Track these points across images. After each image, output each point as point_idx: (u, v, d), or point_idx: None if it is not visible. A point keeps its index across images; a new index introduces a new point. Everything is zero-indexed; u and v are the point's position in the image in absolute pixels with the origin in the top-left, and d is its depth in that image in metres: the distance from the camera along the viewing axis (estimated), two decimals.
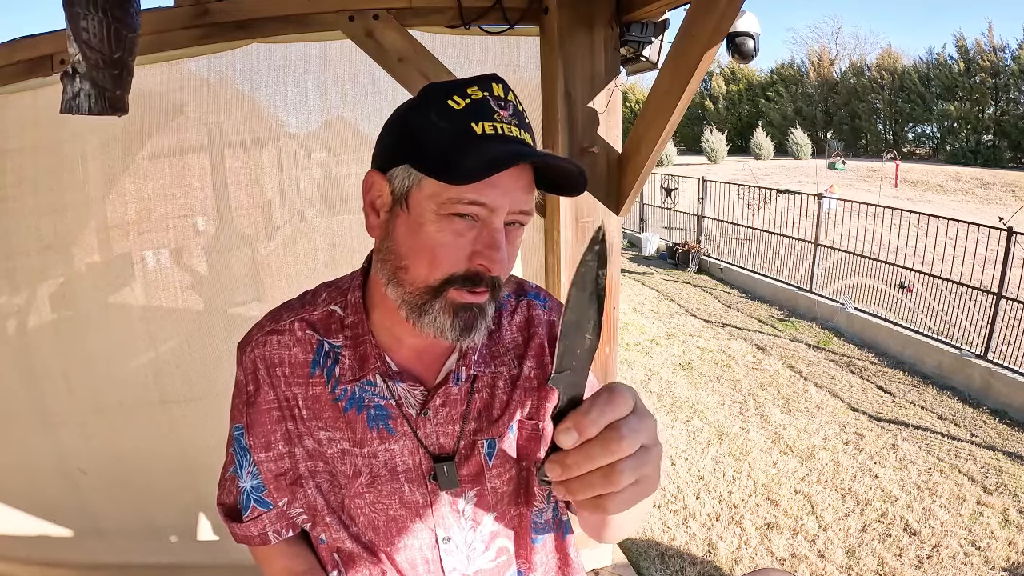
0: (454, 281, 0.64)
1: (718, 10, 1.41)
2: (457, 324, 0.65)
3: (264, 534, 0.79)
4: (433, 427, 0.75)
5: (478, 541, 0.79)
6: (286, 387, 0.75)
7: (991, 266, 5.01)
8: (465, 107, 0.62)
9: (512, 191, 0.63)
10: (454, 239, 0.63)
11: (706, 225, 9.26)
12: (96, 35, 1.11)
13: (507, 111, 0.64)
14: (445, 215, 0.63)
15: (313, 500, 0.76)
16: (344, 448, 0.74)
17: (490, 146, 0.60)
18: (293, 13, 1.69)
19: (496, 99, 0.63)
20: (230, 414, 0.80)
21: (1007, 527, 3.02)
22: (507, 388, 0.79)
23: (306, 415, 0.75)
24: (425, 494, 0.76)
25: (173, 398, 2.03)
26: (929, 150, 25.02)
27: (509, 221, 0.65)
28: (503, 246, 0.64)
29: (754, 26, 1.93)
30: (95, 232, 1.96)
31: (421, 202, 0.64)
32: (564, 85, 1.80)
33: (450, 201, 0.62)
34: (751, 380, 4.96)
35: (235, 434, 0.78)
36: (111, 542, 2.15)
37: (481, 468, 0.77)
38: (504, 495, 0.79)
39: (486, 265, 0.63)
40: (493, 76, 0.65)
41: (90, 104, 1.15)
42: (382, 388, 0.74)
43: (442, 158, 0.61)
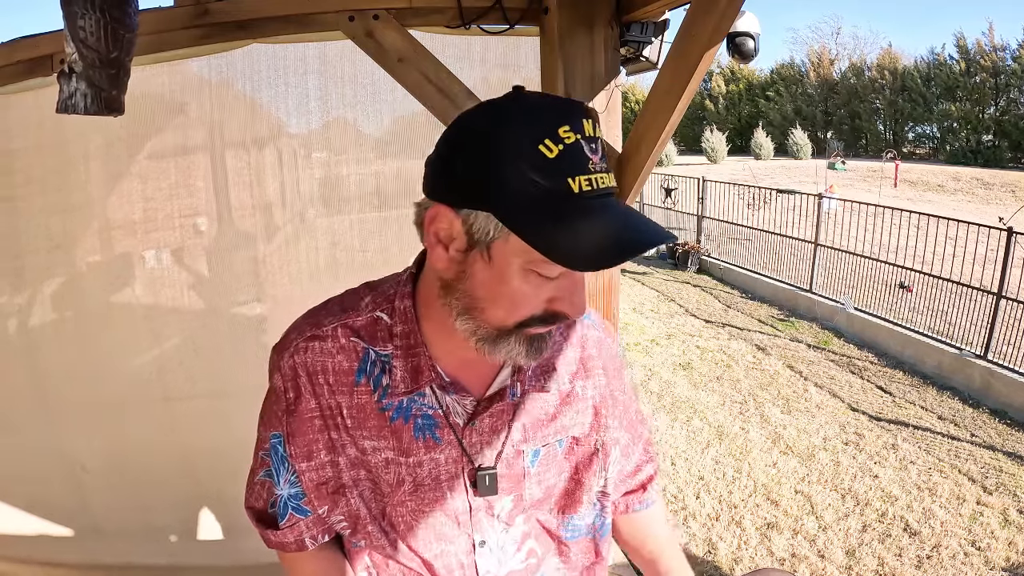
0: (532, 323, 0.64)
1: (718, 10, 1.41)
2: (532, 351, 0.66)
3: (301, 540, 0.78)
4: (479, 436, 0.75)
5: (510, 543, 0.80)
6: (329, 395, 0.73)
7: (991, 266, 5.01)
8: (559, 155, 0.56)
9: None
10: (536, 291, 0.62)
11: (706, 225, 9.27)
12: (93, 34, 1.11)
13: (597, 155, 0.59)
14: (530, 272, 0.61)
15: (356, 509, 0.76)
16: (388, 457, 0.73)
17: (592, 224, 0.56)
18: (293, 13, 1.69)
19: (588, 141, 0.57)
20: (262, 419, 0.78)
21: (1007, 527, 3.02)
22: (556, 402, 0.79)
23: (350, 424, 0.73)
24: (465, 500, 0.76)
25: (176, 395, 2.03)
26: (929, 150, 25.02)
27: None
28: (583, 289, 0.64)
29: (754, 26, 1.93)
30: (99, 231, 1.97)
31: (506, 256, 0.60)
32: (564, 85, 1.80)
33: (539, 262, 0.59)
34: (751, 380, 4.96)
35: (272, 442, 0.76)
36: (111, 542, 2.15)
37: (522, 476, 0.78)
38: (540, 501, 0.80)
39: (567, 311, 0.63)
40: (583, 109, 0.59)
41: (86, 104, 1.15)
42: (431, 398, 0.73)
43: (539, 227, 0.56)
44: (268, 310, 2.06)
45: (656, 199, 10.83)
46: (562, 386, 0.79)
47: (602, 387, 0.82)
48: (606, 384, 0.83)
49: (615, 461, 0.86)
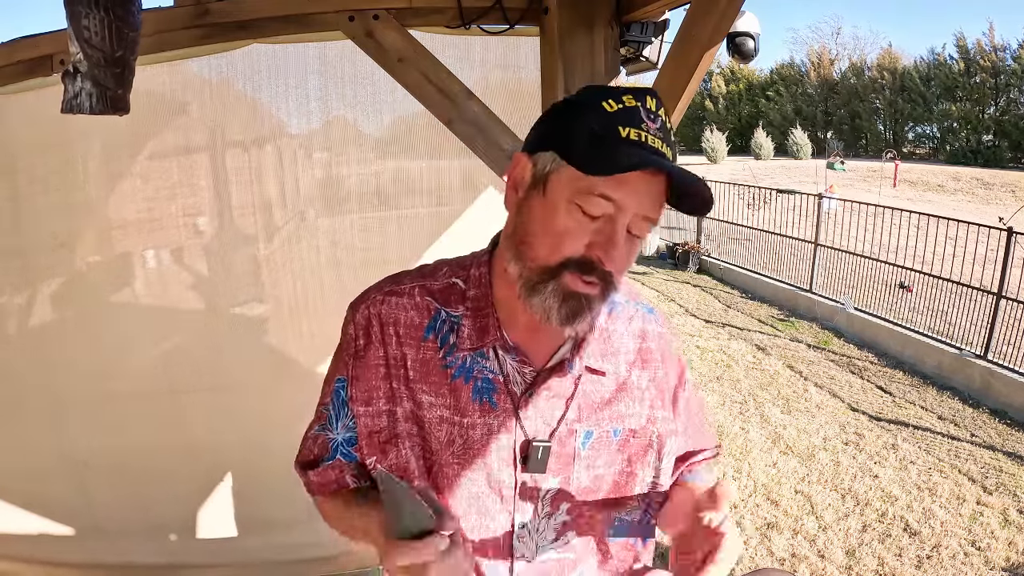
0: (569, 265, 0.67)
1: (718, 10, 1.41)
2: (564, 310, 0.68)
3: (342, 479, 0.81)
4: (535, 409, 0.76)
5: (549, 530, 0.79)
6: (397, 346, 0.76)
7: (991, 266, 5.01)
8: (617, 111, 0.66)
9: (642, 195, 0.66)
10: (578, 227, 0.67)
11: (706, 225, 9.27)
12: (98, 34, 1.11)
13: (655, 124, 0.67)
14: (575, 204, 0.66)
15: (406, 461, 0.77)
16: (443, 415, 0.75)
17: (631, 150, 0.65)
18: (293, 13, 1.69)
19: (647, 111, 0.67)
20: (331, 368, 0.81)
21: (1007, 527, 3.03)
22: (612, 388, 0.80)
23: (412, 376, 0.76)
24: (512, 475, 0.77)
25: (178, 392, 2.04)
26: (929, 150, 25.03)
27: (634, 228, 0.68)
28: (621, 243, 0.67)
29: (754, 26, 1.93)
30: (103, 230, 1.97)
31: (558, 187, 0.68)
32: (564, 85, 1.80)
33: (584, 190, 0.66)
34: (751, 380, 4.97)
35: (336, 386, 0.79)
36: (113, 540, 2.15)
37: (572, 457, 0.78)
38: (587, 491, 0.80)
39: (601, 256, 0.67)
40: (650, 90, 0.69)
41: (91, 103, 1.15)
42: (493, 362, 0.76)
43: (585, 150, 0.66)
44: (268, 310, 2.07)
45: None
46: (620, 372, 0.80)
47: (660, 379, 0.83)
48: (664, 376, 0.84)
49: (670, 453, 0.84)
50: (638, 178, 0.65)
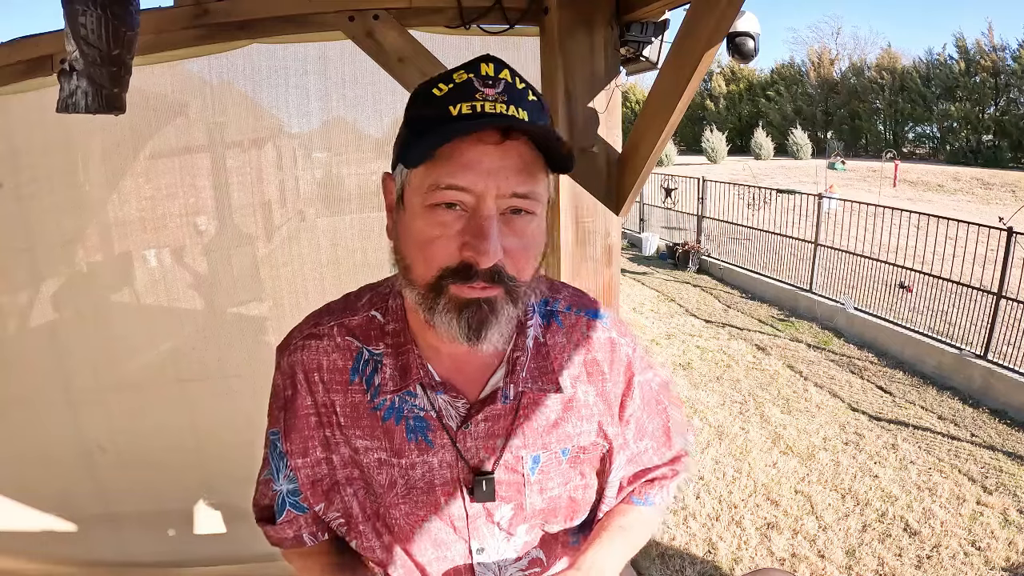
0: (446, 276, 0.60)
1: (718, 10, 1.41)
2: (463, 323, 0.61)
3: (299, 536, 0.79)
4: (474, 440, 0.72)
5: (510, 551, 0.77)
6: (324, 393, 0.72)
7: (991, 266, 5.01)
8: (447, 92, 0.59)
9: (496, 172, 0.58)
10: (442, 231, 0.60)
11: (706, 225, 9.27)
12: (95, 32, 1.11)
13: (495, 88, 0.59)
14: (430, 207, 0.60)
15: (349, 506, 0.75)
16: (382, 458, 0.72)
17: (458, 125, 0.57)
18: (293, 13, 1.69)
19: (483, 78, 0.60)
20: (268, 417, 0.79)
21: (1007, 527, 3.02)
22: (559, 408, 0.75)
23: (344, 423, 0.72)
24: (462, 507, 0.73)
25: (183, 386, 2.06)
26: (929, 150, 25.02)
27: (508, 208, 0.60)
28: (492, 234, 0.58)
29: (754, 26, 1.93)
30: (104, 229, 1.98)
31: (411, 197, 0.62)
32: (564, 85, 1.80)
33: (431, 188, 0.59)
34: (751, 380, 4.97)
35: (271, 439, 0.77)
36: (120, 531, 2.16)
37: (522, 483, 0.74)
38: (543, 512, 0.77)
39: (474, 256, 0.59)
40: (485, 56, 0.62)
41: (87, 102, 1.15)
42: (422, 399, 0.71)
43: (416, 142, 0.59)
44: (268, 310, 2.07)
45: (656, 199, 10.82)
46: (566, 389, 0.74)
47: (608, 392, 0.77)
48: (612, 387, 0.77)
49: (619, 467, 0.80)
50: (479, 153, 0.57)
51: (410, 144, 0.61)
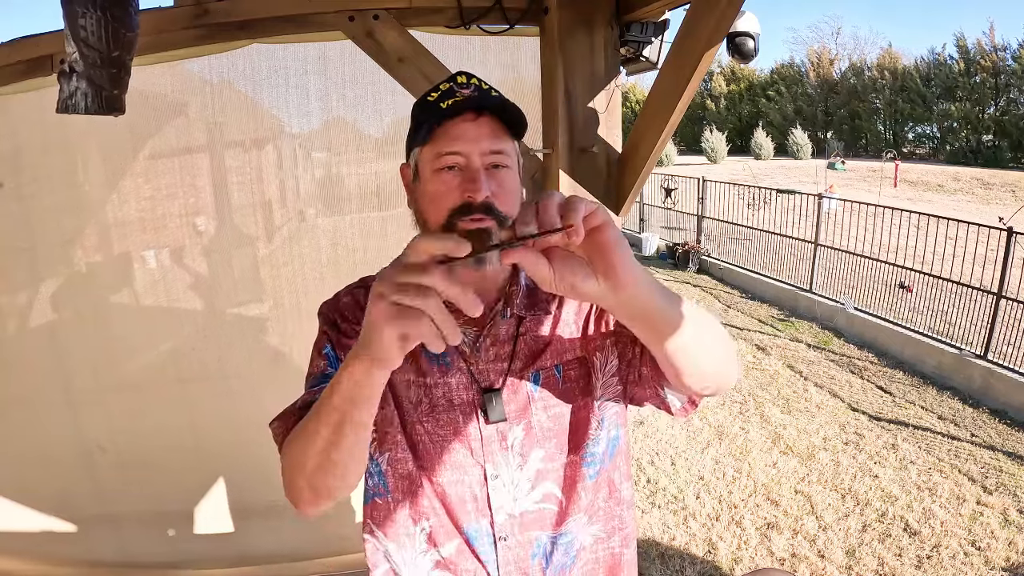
0: (455, 214, 0.79)
1: (718, 10, 1.41)
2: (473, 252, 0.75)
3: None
4: (485, 364, 0.86)
5: (524, 480, 0.85)
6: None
7: (991, 266, 5.01)
8: (437, 96, 0.83)
9: (477, 139, 0.80)
10: (447, 186, 0.80)
11: (706, 225, 9.27)
12: (94, 33, 1.11)
13: (468, 90, 0.82)
14: (437, 171, 0.81)
15: (390, 417, 0.85)
16: (410, 378, 0.86)
17: (445, 111, 0.80)
18: (293, 13, 1.69)
19: (459, 85, 0.83)
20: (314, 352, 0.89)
21: (1007, 527, 3.03)
22: (549, 329, 0.90)
23: None
24: (477, 427, 0.85)
25: (183, 387, 2.06)
26: (929, 150, 25.02)
27: (490, 164, 0.81)
28: (481, 177, 0.79)
29: (754, 26, 1.93)
30: (104, 230, 1.98)
31: (423, 168, 0.84)
32: (564, 85, 1.80)
33: (435, 157, 0.81)
34: (751, 380, 4.97)
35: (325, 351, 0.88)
36: (120, 532, 2.16)
37: (527, 401, 0.86)
38: (551, 434, 0.87)
39: (471, 192, 0.78)
40: (459, 72, 0.86)
41: (86, 103, 1.15)
42: None
43: (421, 131, 0.82)
44: (268, 310, 2.07)
45: (656, 199, 10.82)
46: (551, 312, 0.90)
47: (586, 308, 0.92)
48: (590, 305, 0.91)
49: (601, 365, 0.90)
50: (463, 128, 0.80)
51: (417, 132, 0.85)
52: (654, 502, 3.31)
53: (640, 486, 3.48)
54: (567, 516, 0.86)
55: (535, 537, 0.85)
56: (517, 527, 0.84)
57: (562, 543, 0.86)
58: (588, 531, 0.89)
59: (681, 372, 0.75)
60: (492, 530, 0.84)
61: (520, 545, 0.84)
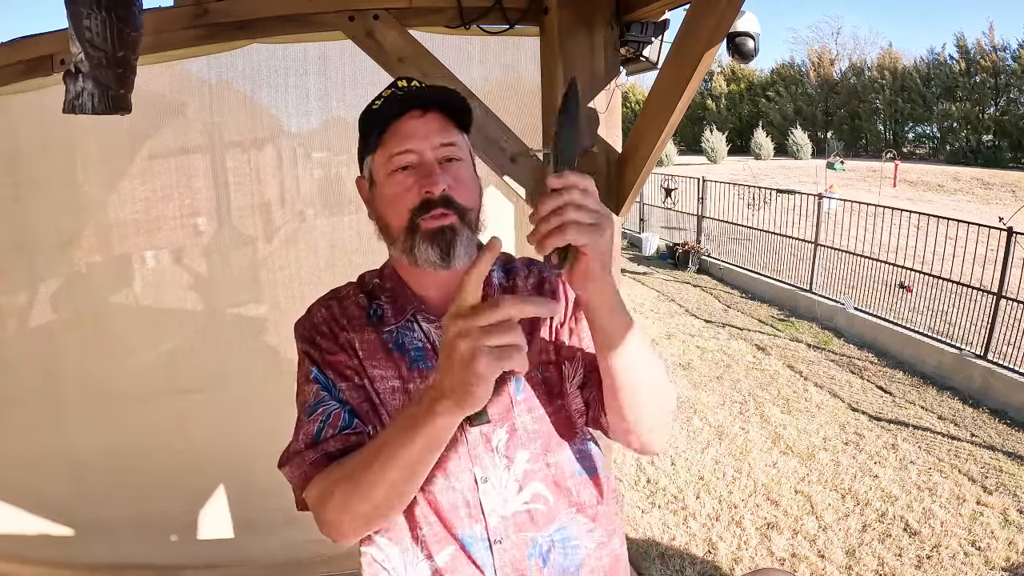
0: (416, 213, 0.81)
1: (718, 10, 1.41)
2: (436, 248, 0.80)
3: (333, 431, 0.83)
4: None
5: (512, 481, 0.85)
6: (345, 333, 0.88)
7: (991, 266, 5.01)
8: (382, 103, 0.85)
9: (426, 135, 0.82)
10: (403, 186, 0.82)
11: (706, 225, 9.27)
12: (99, 34, 1.11)
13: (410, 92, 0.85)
14: (391, 173, 0.83)
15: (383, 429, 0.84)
16: (395, 385, 0.86)
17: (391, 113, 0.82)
18: (293, 13, 1.69)
19: (400, 88, 0.85)
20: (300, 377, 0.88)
21: (1007, 527, 3.03)
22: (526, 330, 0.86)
23: (363, 355, 0.86)
24: (462, 432, 0.84)
25: (178, 392, 2.05)
26: (929, 150, 25.02)
27: (443, 158, 0.83)
28: (436, 170, 0.81)
29: (754, 26, 1.93)
30: (103, 231, 1.98)
31: (377, 175, 0.86)
32: (564, 85, 1.80)
33: (388, 160, 0.83)
34: (751, 380, 4.97)
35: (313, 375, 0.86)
36: (113, 540, 2.15)
37: (510, 403, 0.86)
38: (536, 435, 0.87)
39: (427, 187, 0.80)
40: (399, 77, 0.89)
41: (93, 103, 1.15)
42: (419, 332, 0.88)
43: (370, 137, 0.85)
44: (267, 310, 2.07)
45: (656, 199, 10.82)
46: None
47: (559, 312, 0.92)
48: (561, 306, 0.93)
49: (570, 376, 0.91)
50: (411, 125, 0.82)
51: (367, 141, 0.87)
52: (654, 502, 3.31)
53: (640, 486, 3.48)
54: (557, 513, 0.86)
55: (530, 538, 0.85)
56: (511, 529, 0.84)
57: (559, 541, 0.86)
58: (590, 536, 0.88)
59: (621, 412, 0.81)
60: (487, 534, 0.83)
61: (516, 547, 0.84)
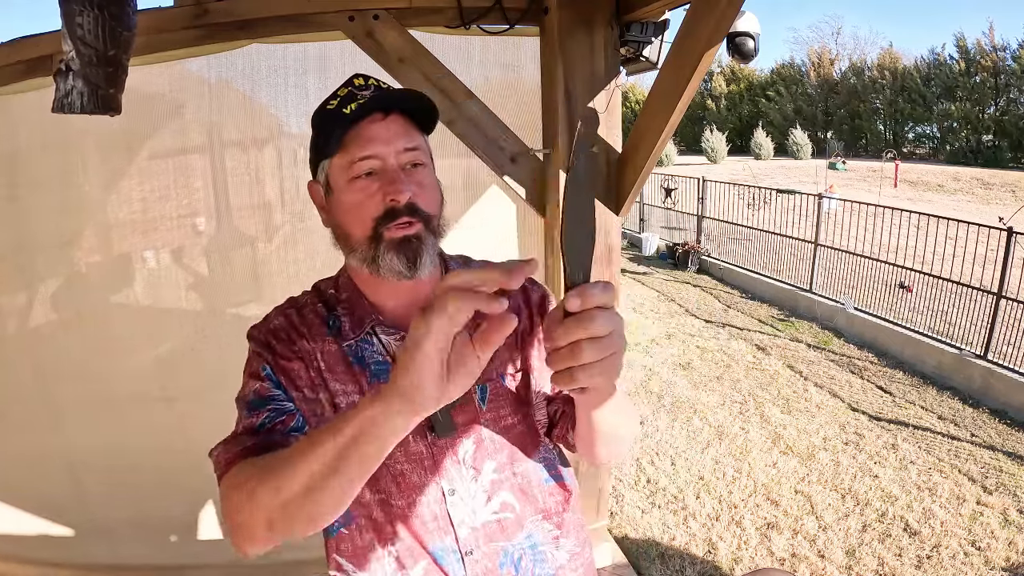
0: (380, 222, 0.77)
1: (718, 10, 1.41)
2: (402, 257, 0.77)
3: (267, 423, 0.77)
4: None
5: (480, 492, 0.84)
6: (305, 341, 0.83)
7: (991, 266, 5.00)
8: (337, 103, 0.80)
9: (390, 139, 0.78)
10: (365, 193, 0.78)
11: (706, 225, 9.26)
12: (91, 32, 1.11)
13: (368, 91, 0.80)
14: (351, 180, 0.78)
15: None
16: (355, 400, 0.81)
17: (352, 116, 0.78)
18: (293, 13, 1.69)
19: (357, 88, 0.81)
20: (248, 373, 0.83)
21: (1007, 527, 3.02)
22: None
23: (323, 367, 0.83)
24: (427, 444, 0.82)
25: (176, 394, 2.04)
26: (929, 150, 25.00)
27: (407, 163, 0.79)
28: (401, 178, 0.77)
29: (754, 26, 1.93)
30: (102, 231, 1.97)
31: (336, 180, 0.81)
32: (564, 85, 1.80)
33: (348, 166, 0.78)
34: (751, 380, 4.96)
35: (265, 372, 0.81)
36: (111, 541, 2.15)
37: (475, 413, 0.84)
38: (502, 445, 0.85)
39: (392, 195, 0.76)
40: (355, 75, 0.84)
41: (82, 102, 1.15)
42: (378, 346, 0.84)
43: (328, 142, 0.79)
44: (267, 310, 2.06)
45: (656, 199, 10.82)
46: None
47: (524, 319, 0.90)
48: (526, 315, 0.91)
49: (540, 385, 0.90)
50: (373, 129, 0.78)
51: (324, 143, 0.81)
52: (654, 502, 3.31)
53: (640, 486, 3.48)
54: (524, 520, 0.86)
55: (501, 547, 0.84)
56: (481, 539, 0.83)
57: (528, 549, 0.86)
58: (558, 544, 0.88)
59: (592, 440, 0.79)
60: (457, 546, 0.82)
61: (487, 557, 0.83)
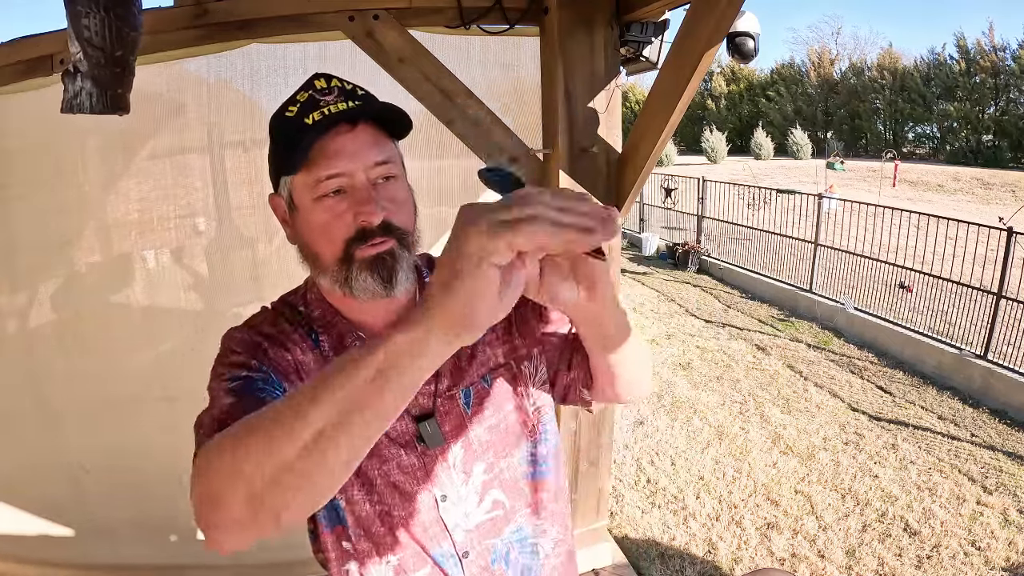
0: (351, 243, 0.72)
1: (718, 10, 1.41)
2: (376, 276, 0.73)
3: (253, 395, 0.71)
4: None
5: (471, 494, 0.84)
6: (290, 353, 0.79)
7: (991, 266, 5.01)
8: (297, 110, 0.73)
9: (358, 153, 0.72)
10: (334, 213, 0.72)
11: (706, 225, 9.26)
12: (98, 33, 1.11)
13: (331, 95, 0.73)
14: (319, 199, 0.73)
15: None
16: None
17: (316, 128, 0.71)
18: (293, 13, 1.69)
19: (320, 91, 0.74)
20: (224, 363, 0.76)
21: (1007, 527, 3.02)
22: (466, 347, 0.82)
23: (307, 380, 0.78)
24: (418, 456, 0.81)
25: (176, 394, 2.04)
26: (929, 150, 25.00)
27: (378, 177, 0.74)
28: (372, 196, 0.72)
29: (754, 26, 1.93)
30: (101, 231, 1.97)
31: (300, 197, 0.75)
32: (564, 85, 1.80)
33: (313, 184, 0.72)
34: (751, 380, 4.96)
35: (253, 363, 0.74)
36: (111, 541, 2.15)
37: (462, 419, 0.83)
38: (489, 445, 0.85)
39: (363, 216, 0.72)
40: (315, 75, 0.76)
41: (91, 103, 1.15)
42: None
43: (290, 156, 0.73)
44: None
45: (656, 199, 10.82)
46: None
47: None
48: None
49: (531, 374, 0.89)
50: (339, 143, 0.71)
51: (285, 157, 0.74)
52: (654, 502, 3.31)
53: (640, 486, 3.48)
54: (513, 515, 0.87)
55: (492, 544, 0.86)
56: (475, 540, 0.84)
57: (516, 542, 0.87)
58: (546, 535, 0.90)
59: (615, 377, 0.79)
60: (455, 549, 0.83)
61: (480, 555, 0.85)
